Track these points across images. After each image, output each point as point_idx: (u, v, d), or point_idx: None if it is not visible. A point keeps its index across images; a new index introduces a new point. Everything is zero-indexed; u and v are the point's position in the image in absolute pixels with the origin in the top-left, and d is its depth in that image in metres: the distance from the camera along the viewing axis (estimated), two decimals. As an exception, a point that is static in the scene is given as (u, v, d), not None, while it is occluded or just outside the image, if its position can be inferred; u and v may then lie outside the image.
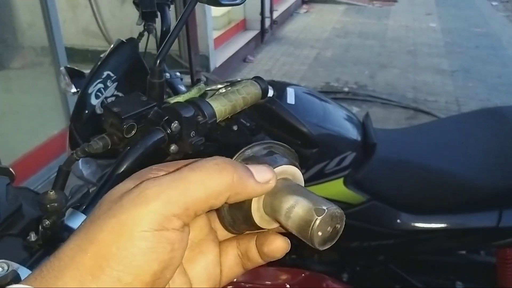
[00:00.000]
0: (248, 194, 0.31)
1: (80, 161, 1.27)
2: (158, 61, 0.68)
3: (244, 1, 0.77)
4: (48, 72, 2.65)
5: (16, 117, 2.50)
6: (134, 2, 1.21)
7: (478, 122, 1.49)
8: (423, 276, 1.53)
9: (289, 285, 0.58)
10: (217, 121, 0.71)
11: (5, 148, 2.22)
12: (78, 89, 1.20)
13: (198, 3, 0.70)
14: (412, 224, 1.35)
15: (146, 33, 1.23)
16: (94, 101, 1.12)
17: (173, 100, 0.73)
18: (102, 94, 1.13)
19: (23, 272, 0.49)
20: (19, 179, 2.33)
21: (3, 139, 2.22)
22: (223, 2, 0.73)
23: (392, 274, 1.49)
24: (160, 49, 0.68)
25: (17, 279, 0.45)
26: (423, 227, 1.36)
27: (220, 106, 0.71)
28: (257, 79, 0.81)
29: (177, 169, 0.31)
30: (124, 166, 0.60)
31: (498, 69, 4.51)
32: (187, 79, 3.17)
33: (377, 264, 1.46)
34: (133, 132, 0.63)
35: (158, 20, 1.21)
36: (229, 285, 0.68)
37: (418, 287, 1.52)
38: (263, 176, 0.31)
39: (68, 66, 1.32)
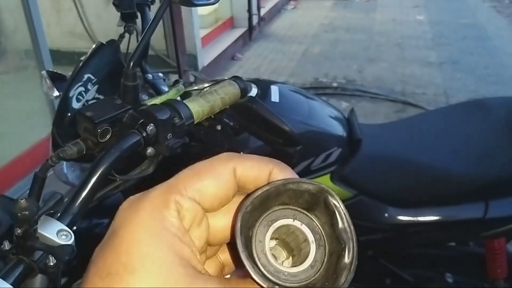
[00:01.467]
0: None
1: (64, 165, 1.26)
2: (131, 64, 0.67)
3: (217, 1, 0.77)
4: (33, 76, 2.63)
5: (1, 122, 2.47)
6: (113, 3, 1.20)
7: (463, 114, 1.50)
8: (413, 270, 1.54)
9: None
10: (195, 122, 0.70)
11: (-9, 155, 2.19)
12: (60, 93, 1.18)
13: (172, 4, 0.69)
14: (400, 218, 1.36)
15: (127, 35, 1.22)
16: (75, 105, 1.10)
17: (150, 102, 0.72)
18: (83, 97, 1.11)
19: (-4, 282, 0.49)
20: (5, 185, 2.30)
21: (-12, 146, 2.20)
22: (196, 2, 0.73)
23: (382, 269, 1.50)
24: (133, 52, 0.67)
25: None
26: (411, 221, 1.36)
27: (198, 107, 0.70)
28: (235, 78, 0.80)
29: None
30: (99, 172, 0.60)
31: (485, 60, 4.53)
32: (175, 78, 3.15)
33: (366, 260, 1.46)
34: (108, 136, 0.62)
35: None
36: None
37: (409, 280, 1.52)
38: None
39: (50, 69, 1.31)
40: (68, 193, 1.32)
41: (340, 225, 0.29)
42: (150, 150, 0.65)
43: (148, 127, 0.62)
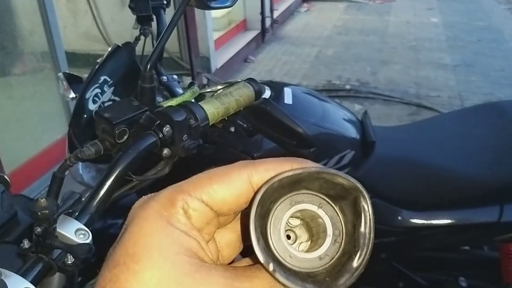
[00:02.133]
0: None
1: (80, 166, 1.28)
2: (148, 66, 0.68)
3: (233, 4, 0.78)
4: (49, 78, 2.67)
5: (18, 123, 2.51)
6: (129, 6, 1.22)
7: (478, 117, 1.48)
8: (426, 273, 1.53)
9: None
10: (210, 124, 0.71)
11: (8, 155, 2.23)
12: (76, 94, 1.20)
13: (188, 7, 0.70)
14: (413, 221, 1.35)
15: (142, 37, 1.23)
16: (91, 106, 1.12)
17: (166, 104, 0.73)
18: (99, 99, 1.13)
19: (16, 280, 0.50)
20: (22, 185, 2.34)
21: (5, 146, 2.23)
22: (212, 5, 0.74)
23: (395, 272, 1.49)
24: (150, 54, 0.68)
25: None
26: (425, 224, 1.35)
27: (213, 109, 0.71)
28: (250, 80, 0.81)
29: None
30: (117, 172, 0.61)
31: (500, 63, 4.48)
32: (189, 81, 3.17)
33: (379, 262, 1.45)
34: (125, 137, 0.63)
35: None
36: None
37: (422, 284, 1.51)
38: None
39: (67, 71, 1.33)
40: (83, 193, 1.34)
41: (362, 228, 0.29)
42: (166, 151, 0.66)
43: (164, 128, 0.63)
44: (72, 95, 1.24)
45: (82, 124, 1.14)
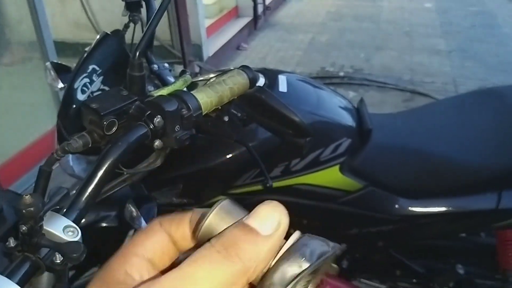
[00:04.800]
0: (264, 259, 0.27)
1: (70, 158, 1.25)
2: (137, 54, 0.65)
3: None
4: (38, 68, 2.61)
5: (5, 115, 2.46)
6: (118, -8, 1.18)
7: (476, 103, 1.47)
8: (424, 261, 1.52)
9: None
10: (203, 113, 0.68)
11: (-3, 147, 2.19)
12: (65, 84, 1.17)
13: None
14: (411, 209, 1.34)
15: (132, 24, 1.20)
16: (80, 96, 1.09)
17: (157, 93, 0.70)
18: (88, 88, 1.10)
19: (1, 281, 0.47)
20: (11, 179, 2.30)
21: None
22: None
23: (393, 260, 1.48)
24: (139, 41, 0.65)
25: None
26: (422, 212, 1.34)
27: (206, 98, 0.68)
28: (244, 68, 0.78)
29: (172, 266, 0.27)
30: (106, 165, 0.58)
31: (495, 48, 4.47)
32: (181, 69, 3.12)
33: (377, 251, 1.44)
34: (114, 128, 0.60)
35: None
36: None
37: (419, 271, 1.50)
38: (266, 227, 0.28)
39: (55, 61, 1.29)
40: (74, 186, 1.31)
41: None
42: (157, 143, 0.63)
43: (155, 119, 0.60)
44: (61, 85, 1.21)
45: (71, 115, 1.10)
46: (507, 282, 1.46)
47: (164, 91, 0.71)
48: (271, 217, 0.28)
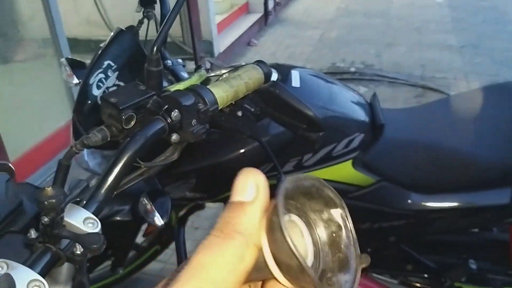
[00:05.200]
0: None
1: (85, 152, 1.27)
2: (155, 49, 0.66)
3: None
4: (51, 64, 2.64)
5: (20, 111, 2.49)
6: (132, -11, 1.19)
7: (488, 99, 1.46)
8: (435, 256, 1.52)
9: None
10: (219, 108, 0.69)
11: (12, 143, 2.21)
12: (80, 80, 1.18)
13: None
14: (423, 203, 1.34)
15: (146, 20, 1.21)
16: (95, 92, 1.10)
17: (173, 88, 0.71)
18: (103, 84, 1.11)
19: (23, 271, 0.48)
20: (26, 173, 2.33)
21: (9, 134, 2.22)
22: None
23: (404, 255, 1.48)
24: (157, 36, 0.66)
25: (10, 282, 0.44)
26: (434, 207, 1.34)
27: (222, 93, 0.69)
28: (259, 63, 0.78)
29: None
30: (125, 159, 0.59)
31: (505, 44, 4.42)
32: (192, 65, 3.14)
33: (388, 245, 1.45)
34: (132, 122, 0.61)
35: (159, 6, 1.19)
36: None
37: (431, 266, 1.50)
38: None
39: (69, 57, 1.31)
40: (89, 180, 1.33)
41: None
42: (174, 137, 0.63)
43: (172, 113, 0.61)
44: (76, 80, 1.22)
45: (86, 110, 1.12)
46: (519, 278, 1.46)
47: (181, 86, 0.71)
48: (248, 184, 0.29)
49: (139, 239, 1.68)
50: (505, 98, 1.43)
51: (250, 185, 0.29)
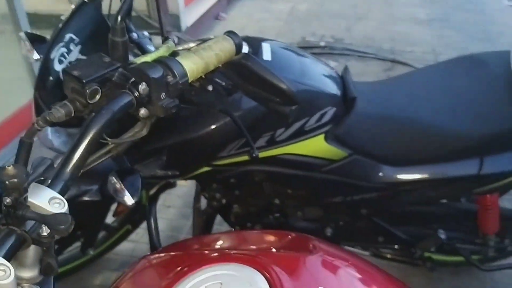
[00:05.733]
0: None
1: (49, 131, 1.22)
2: (119, 18, 0.62)
3: None
4: (11, 41, 2.52)
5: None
6: (93, -43, 1.13)
7: (458, 70, 1.47)
8: (406, 227, 1.55)
9: (275, 248, 0.56)
10: (189, 81, 0.66)
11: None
12: (41, 55, 1.13)
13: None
14: (394, 176, 1.35)
15: (109, -9, 1.15)
16: (57, 67, 1.05)
17: (140, 60, 0.67)
18: (65, 58, 1.06)
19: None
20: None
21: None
22: None
23: (376, 227, 1.50)
24: (121, 4, 0.62)
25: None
26: (405, 179, 1.36)
27: (192, 65, 0.66)
28: (230, 33, 0.76)
29: None
30: (91, 135, 0.56)
31: (475, 17, 4.48)
32: (158, 40, 3.05)
33: (360, 218, 1.46)
34: (97, 97, 0.58)
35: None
36: (214, 252, 0.65)
37: (401, 237, 1.53)
38: None
39: (29, 31, 1.24)
40: (54, 159, 1.28)
41: None
42: (143, 111, 0.61)
43: (140, 86, 0.58)
44: (36, 56, 1.16)
45: (49, 86, 1.07)
46: (486, 246, 1.50)
47: (148, 58, 0.68)
48: None
49: (110, 219, 1.65)
50: (472, 70, 1.45)
51: None
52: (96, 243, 1.68)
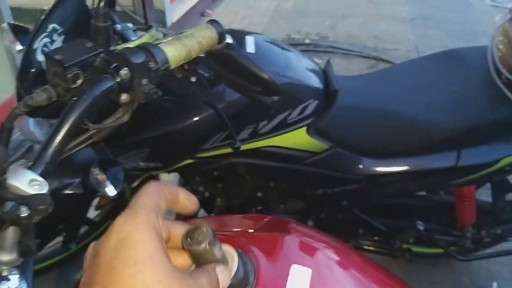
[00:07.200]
0: None
1: (30, 122, 1.21)
2: (102, 3, 0.63)
3: None
4: (-7, 33, 2.48)
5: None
6: None
7: (438, 65, 1.50)
8: (386, 219, 1.58)
9: (253, 229, 0.57)
10: (171, 67, 0.67)
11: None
12: (24, 46, 1.12)
13: None
14: (374, 168, 1.37)
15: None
16: (40, 58, 1.05)
17: (122, 47, 0.68)
18: (48, 49, 1.06)
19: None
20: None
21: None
22: None
23: (356, 219, 1.53)
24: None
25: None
26: (385, 171, 1.38)
27: (174, 51, 0.67)
28: (212, 22, 0.76)
29: None
30: (72, 118, 0.56)
31: (458, 16, 4.54)
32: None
33: (341, 210, 1.49)
34: (79, 81, 0.59)
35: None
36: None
37: (381, 229, 1.56)
38: None
39: (12, 22, 1.23)
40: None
41: None
42: (124, 97, 0.61)
43: (122, 71, 0.59)
44: (19, 47, 1.15)
45: (31, 77, 1.06)
46: (464, 237, 1.54)
47: (130, 45, 0.69)
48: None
49: (92, 213, 1.64)
50: (451, 65, 1.48)
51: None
52: (78, 237, 1.67)
